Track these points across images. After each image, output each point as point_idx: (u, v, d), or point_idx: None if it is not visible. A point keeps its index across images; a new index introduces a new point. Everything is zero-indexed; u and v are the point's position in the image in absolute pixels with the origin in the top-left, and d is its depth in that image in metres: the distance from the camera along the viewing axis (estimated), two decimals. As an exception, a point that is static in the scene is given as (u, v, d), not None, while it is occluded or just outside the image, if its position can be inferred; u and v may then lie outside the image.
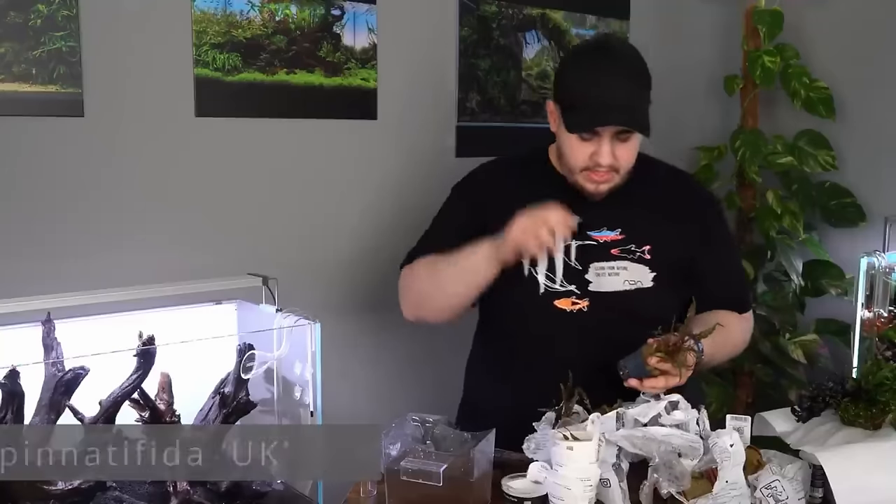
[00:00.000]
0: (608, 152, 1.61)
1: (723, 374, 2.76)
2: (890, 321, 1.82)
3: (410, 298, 1.77)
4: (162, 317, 1.41)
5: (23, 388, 1.15)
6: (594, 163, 1.63)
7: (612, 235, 1.69)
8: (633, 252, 1.68)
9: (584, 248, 1.67)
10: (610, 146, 1.61)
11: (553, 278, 1.63)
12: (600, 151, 1.61)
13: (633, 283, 1.67)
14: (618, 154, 1.63)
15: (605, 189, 1.67)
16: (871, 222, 2.55)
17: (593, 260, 1.67)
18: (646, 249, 1.69)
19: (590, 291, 1.66)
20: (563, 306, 1.66)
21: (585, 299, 1.66)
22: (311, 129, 2.10)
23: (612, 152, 1.62)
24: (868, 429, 1.48)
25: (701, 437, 1.37)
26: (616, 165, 1.64)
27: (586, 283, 1.66)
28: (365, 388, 2.25)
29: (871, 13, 2.61)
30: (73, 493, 1.19)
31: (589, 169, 1.64)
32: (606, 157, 1.61)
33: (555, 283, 1.64)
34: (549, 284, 1.64)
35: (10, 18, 1.65)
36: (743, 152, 2.59)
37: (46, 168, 1.73)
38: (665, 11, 2.91)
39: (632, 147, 1.65)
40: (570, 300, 1.66)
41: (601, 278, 1.67)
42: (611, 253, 1.68)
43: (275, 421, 1.46)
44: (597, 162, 1.62)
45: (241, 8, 1.94)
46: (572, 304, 1.66)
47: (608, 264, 1.67)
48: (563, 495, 1.28)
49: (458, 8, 2.33)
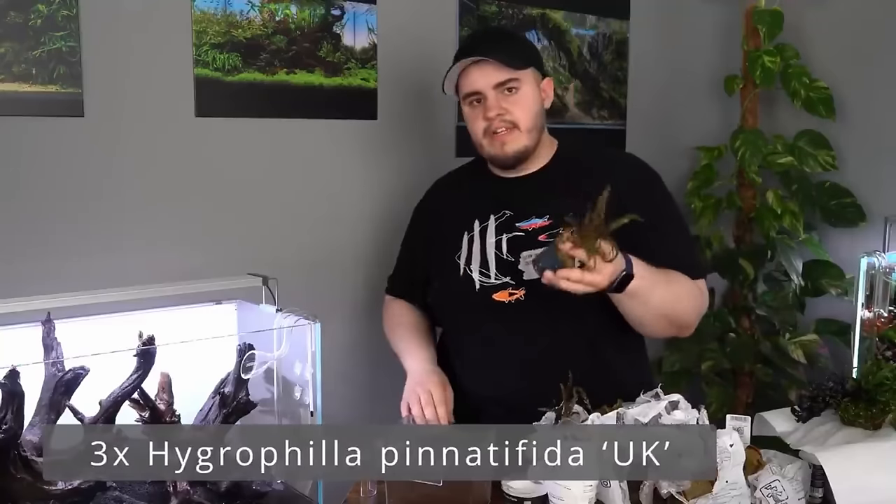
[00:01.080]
0: (494, 104, 1.69)
1: (723, 374, 2.76)
2: (890, 321, 1.81)
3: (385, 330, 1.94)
4: (162, 317, 1.42)
5: (23, 388, 1.15)
6: (487, 121, 1.70)
7: (539, 223, 1.72)
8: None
9: (513, 240, 1.72)
10: (496, 100, 1.69)
11: (487, 274, 1.72)
12: (487, 105, 1.70)
13: None
14: (505, 106, 1.70)
15: (511, 150, 1.72)
16: (871, 222, 2.55)
17: (522, 249, 1.71)
18: None
19: (524, 281, 1.69)
20: (500, 298, 1.71)
21: (521, 289, 1.70)
22: (311, 129, 2.10)
23: (499, 105, 1.69)
24: (868, 429, 1.49)
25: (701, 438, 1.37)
26: (509, 119, 1.70)
27: (520, 273, 1.70)
28: (365, 388, 2.25)
29: (871, 13, 2.61)
30: (73, 493, 1.19)
31: (488, 133, 1.72)
32: (492, 108, 1.69)
33: (489, 278, 1.72)
34: (484, 280, 1.72)
35: (10, 18, 1.65)
36: (743, 152, 2.59)
37: (46, 168, 1.73)
38: (665, 11, 2.91)
39: (521, 99, 1.71)
40: (507, 292, 1.71)
41: (529, 265, 1.69)
42: (539, 240, 1.70)
43: (275, 421, 1.46)
44: (488, 118, 1.70)
45: (241, 8, 1.94)
46: (509, 295, 1.70)
47: (537, 251, 1.68)
48: (563, 495, 1.28)
49: (458, 8, 2.34)
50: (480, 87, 1.70)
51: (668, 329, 1.73)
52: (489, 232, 1.75)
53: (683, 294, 1.68)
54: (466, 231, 1.77)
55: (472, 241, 1.76)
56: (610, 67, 2.77)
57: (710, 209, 2.73)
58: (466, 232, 1.77)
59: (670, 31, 2.92)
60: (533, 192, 1.76)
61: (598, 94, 2.74)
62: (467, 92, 1.72)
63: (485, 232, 1.75)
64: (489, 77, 1.69)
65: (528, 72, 1.72)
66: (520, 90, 1.70)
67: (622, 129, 2.83)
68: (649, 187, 1.77)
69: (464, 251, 1.76)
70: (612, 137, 2.79)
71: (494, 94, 1.69)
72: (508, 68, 1.68)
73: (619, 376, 1.69)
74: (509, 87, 1.69)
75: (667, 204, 1.79)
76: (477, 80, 1.70)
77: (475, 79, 1.70)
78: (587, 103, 2.69)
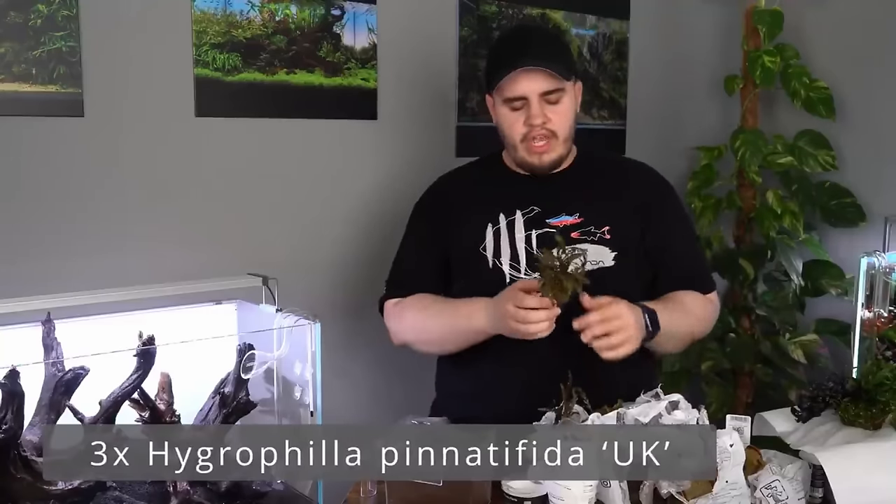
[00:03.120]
0: (538, 112, 1.68)
1: (723, 374, 2.76)
2: (890, 321, 1.81)
3: (401, 338, 1.82)
4: (162, 317, 1.41)
5: (23, 388, 1.15)
6: (528, 127, 1.69)
7: (570, 220, 1.73)
8: (594, 233, 1.72)
9: (543, 236, 1.71)
10: (539, 108, 1.68)
11: (517, 267, 1.71)
12: (531, 113, 1.68)
13: (594, 264, 1.69)
14: (548, 115, 1.69)
15: (548, 160, 1.72)
16: (871, 222, 2.55)
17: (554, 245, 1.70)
18: (605, 230, 1.72)
19: None
20: None
21: None
22: (311, 129, 2.10)
23: (543, 113, 1.68)
24: (868, 429, 1.48)
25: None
26: (551, 127, 1.70)
27: None
28: (365, 388, 2.25)
29: (871, 13, 2.61)
30: (73, 493, 1.19)
31: (526, 139, 1.71)
32: (537, 116, 1.68)
33: (519, 272, 1.71)
34: (514, 274, 1.71)
35: (10, 18, 1.65)
36: (743, 152, 2.59)
37: (46, 168, 1.73)
38: (665, 11, 2.91)
39: (563, 109, 1.71)
40: None
41: None
42: (571, 237, 1.71)
43: (275, 421, 1.46)
44: (530, 125, 1.69)
45: (241, 8, 1.94)
46: None
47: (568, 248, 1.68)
48: (563, 495, 1.28)
49: (458, 8, 2.34)
50: (526, 93, 1.67)
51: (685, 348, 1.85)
52: (517, 227, 1.74)
53: (701, 318, 1.79)
54: (491, 223, 1.75)
55: (498, 234, 1.74)
56: (610, 67, 2.77)
57: (710, 209, 2.73)
58: (491, 224, 1.75)
59: (670, 31, 2.92)
60: (561, 190, 1.76)
61: (598, 94, 2.74)
62: (512, 96, 1.69)
63: (512, 226, 1.74)
64: (538, 84, 1.67)
65: (571, 81, 1.72)
66: (563, 100, 1.70)
67: (622, 129, 2.83)
68: (671, 199, 1.84)
69: (489, 243, 1.74)
70: (612, 137, 2.79)
71: (539, 101, 1.68)
72: (558, 78, 1.67)
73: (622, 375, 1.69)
74: (555, 97, 1.69)
75: (684, 218, 1.88)
76: (525, 86, 1.67)
77: (522, 84, 1.67)
78: (587, 103, 2.69)
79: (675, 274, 1.78)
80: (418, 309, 1.78)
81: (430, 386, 1.92)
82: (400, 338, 1.82)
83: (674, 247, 1.80)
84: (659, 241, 1.77)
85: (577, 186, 1.78)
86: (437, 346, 1.81)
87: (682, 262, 1.81)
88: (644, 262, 1.76)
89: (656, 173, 1.88)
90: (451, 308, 1.73)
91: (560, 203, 1.74)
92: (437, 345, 1.80)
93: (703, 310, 1.80)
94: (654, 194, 1.82)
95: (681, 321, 1.70)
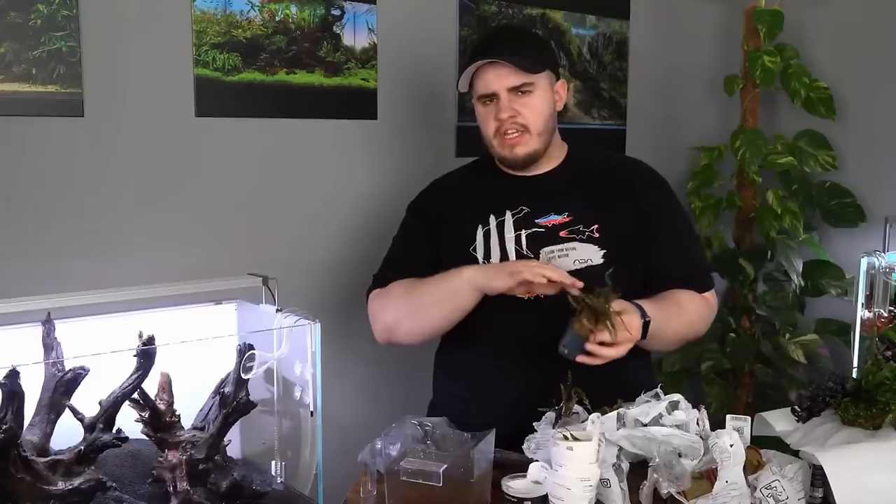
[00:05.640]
0: (506, 106, 1.70)
1: (723, 375, 2.76)
2: (890, 321, 1.81)
3: (385, 321, 1.78)
4: (162, 317, 1.41)
5: (23, 388, 1.15)
6: (499, 121, 1.72)
7: (559, 219, 1.74)
8: (582, 232, 1.73)
9: (532, 236, 1.73)
10: (508, 102, 1.70)
11: None
12: (499, 107, 1.71)
13: (583, 262, 1.70)
14: (518, 109, 1.71)
15: (521, 152, 1.74)
16: (871, 222, 2.55)
17: (543, 245, 1.72)
18: (594, 228, 1.73)
19: None
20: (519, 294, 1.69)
21: None
22: (311, 129, 2.10)
23: (511, 107, 1.70)
24: (868, 429, 1.48)
25: (701, 437, 1.37)
26: (521, 121, 1.71)
27: None
28: (365, 388, 2.25)
29: (871, 13, 2.61)
30: (73, 493, 1.19)
31: (498, 133, 1.73)
32: (505, 110, 1.70)
33: None
34: None
35: (10, 18, 1.65)
36: (743, 152, 2.59)
37: (46, 168, 1.73)
38: (665, 11, 2.91)
39: (534, 103, 1.72)
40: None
41: (552, 261, 1.71)
42: (559, 236, 1.72)
43: (275, 421, 1.46)
44: (500, 119, 1.71)
45: (241, 8, 1.94)
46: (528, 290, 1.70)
47: (557, 247, 1.72)
48: (563, 495, 1.27)
49: (458, 8, 2.34)
50: (494, 88, 1.70)
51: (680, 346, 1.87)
52: (507, 227, 1.75)
53: (695, 317, 1.78)
54: (481, 224, 1.77)
55: (488, 235, 1.76)
56: (610, 67, 2.77)
57: (710, 209, 2.73)
58: (481, 225, 1.77)
59: (670, 32, 2.92)
60: (548, 189, 1.78)
61: (598, 94, 2.74)
62: (483, 93, 1.73)
63: (502, 226, 1.75)
64: (503, 79, 1.69)
65: (543, 75, 1.73)
66: (533, 93, 1.71)
67: (622, 129, 2.84)
68: (663, 196, 1.84)
69: (479, 244, 1.76)
70: (612, 137, 2.79)
71: (507, 95, 1.70)
72: (524, 72, 1.69)
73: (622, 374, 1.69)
74: (523, 90, 1.70)
75: (680, 215, 1.87)
76: (491, 81, 1.70)
77: (490, 80, 1.70)
78: (587, 103, 2.69)
79: (669, 271, 1.77)
80: (403, 286, 1.76)
81: (430, 385, 1.92)
82: (382, 321, 1.78)
83: (667, 243, 1.78)
84: (650, 238, 1.76)
85: (566, 185, 1.78)
86: (419, 319, 1.74)
87: (676, 259, 1.79)
88: (636, 259, 1.75)
89: (649, 169, 1.87)
90: (436, 276, 1.73)
91: (549, 202, 1.75)
92: (419, 315, 1.74)
93: (697, 311, 1.78)
94: (646, 191, 1.80)
95: (672, 320, 1.69)
